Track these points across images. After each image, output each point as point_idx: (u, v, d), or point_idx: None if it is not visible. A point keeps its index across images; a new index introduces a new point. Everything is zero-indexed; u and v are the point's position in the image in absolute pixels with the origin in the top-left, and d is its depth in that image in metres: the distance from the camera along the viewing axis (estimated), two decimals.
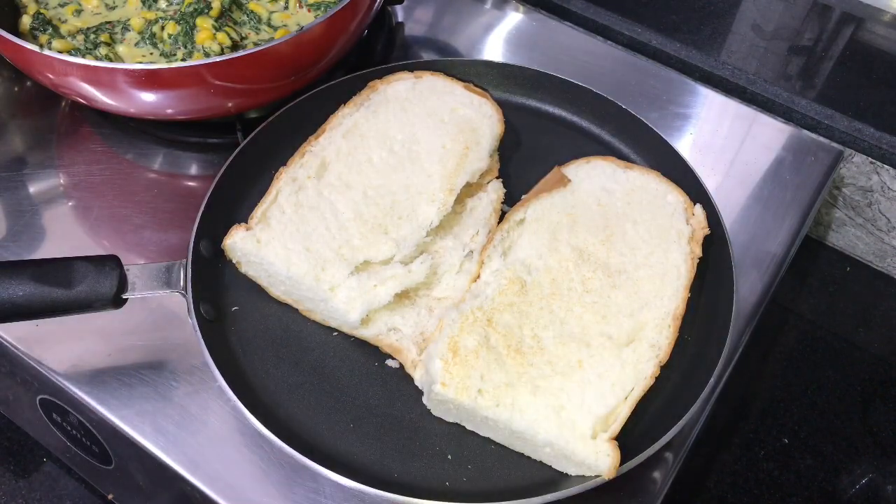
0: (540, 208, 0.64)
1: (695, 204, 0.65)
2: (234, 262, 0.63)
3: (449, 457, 0.56)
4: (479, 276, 0.61)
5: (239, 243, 0.60)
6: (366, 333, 0.60)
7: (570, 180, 0.65)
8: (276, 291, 0.62)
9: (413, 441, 0.57)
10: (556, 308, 0.58)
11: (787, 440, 0.76)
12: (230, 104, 0.69)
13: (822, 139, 0.80)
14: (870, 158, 0.81)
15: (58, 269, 0.55)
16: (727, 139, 0.79)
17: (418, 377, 0.58)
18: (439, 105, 0.69)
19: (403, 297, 0.61)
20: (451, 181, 0.64)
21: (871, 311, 0.87)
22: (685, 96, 0.82)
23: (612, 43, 0.88)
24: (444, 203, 0.63)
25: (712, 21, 0.91)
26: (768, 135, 0.80)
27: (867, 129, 0.81)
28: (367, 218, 0.62)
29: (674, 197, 0.65)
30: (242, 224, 0.62)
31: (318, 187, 0.64)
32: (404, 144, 0.67)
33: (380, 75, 0.72)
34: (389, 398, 0.59)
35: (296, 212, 0.62)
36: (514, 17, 0.89)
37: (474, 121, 0.69)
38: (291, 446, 0.53)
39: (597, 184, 0.65)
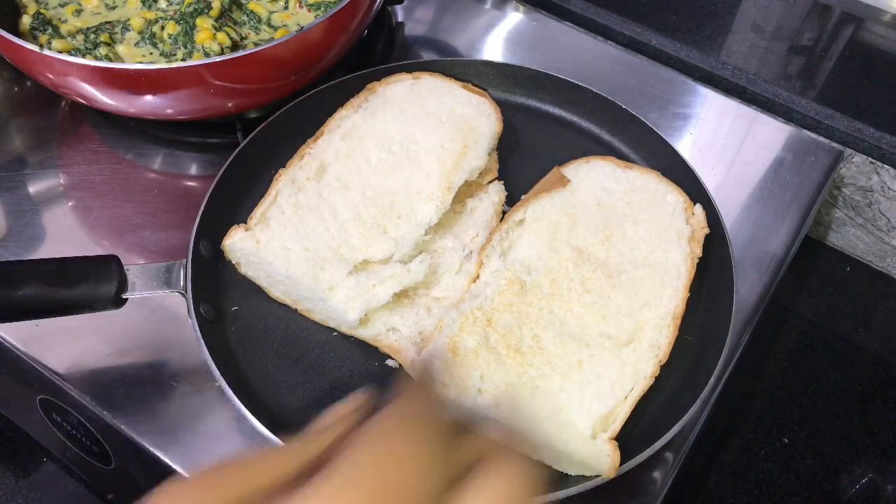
0: (539, 208, 0.63)
1: (695, 204, 0.65)
2: (233, 262, 0.63)
3: None
4: (478, 277, 0.61)
5: (238, 244, 0.60)
6: (365, 334, 0.60)
7: (569, 180, 0.65)
8: (276, 292, 0.62)
9: None
10: (555, 308, 0.58)
11: (787, 440, 0.76)
12: (230, 104, 0.69)
13: (822, 139, 0.80)
14: (870, 158, 0.81)
15: (58, 269, 0.55)
16: (727, 139, 0.79)
17: (418, 378, 0.58)
18: (438, 105, 0.69)
19: (402, 297, 0.61)
20: (449, 179, 0.64)
21: (871, 311, 0.87)
22: (685, 96, 0.82)
23: (612, 43, 0.88)
24: (442, 201, 0.63)
25: (712, 21, 0.91)
26: (768, 135, 0.80)
27: (867, 129, 0.81)
28: (365, 218, 0.62)
29: (673, 197, 0.65)
30: (242, 224, 0.62)
31: (317, 188, 0.64)
32: (402, 145, 0.66)
33: (380, 76, 0.72)
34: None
35: (295, 212, 0.62)
36: (514, 17, 0.89)
37: (472, 119, 0.68)
38: None
39: (596, 184, 0.65)
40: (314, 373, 0.60)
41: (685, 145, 0.78)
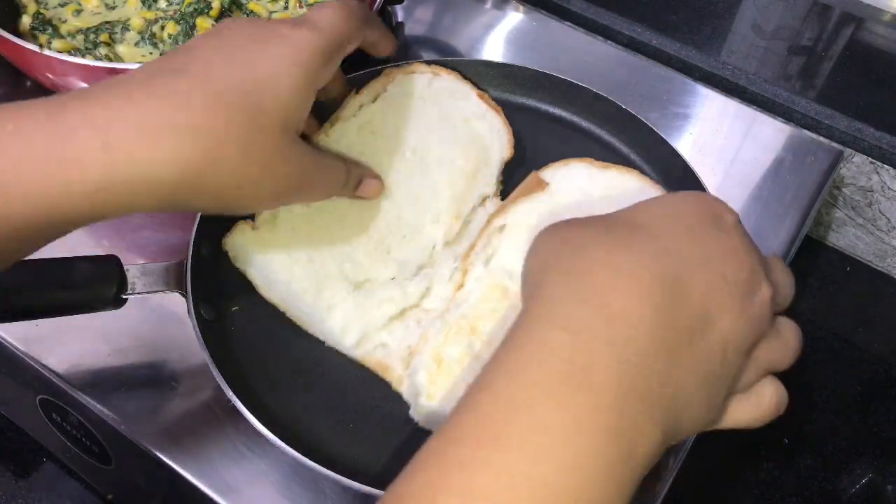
0: (519, 213, 0.62)
1: None
2: (230, 255, 0.61)
3: None
4: (462, 285, 0.60)
5: (244, 245, 0.59)
6: (355, 353, 0.59)
7: (547, 184, 0.64)
8: (269, 294, 0.61)
9: (414, 441, 0.57)
10: None
11: (787, 440, 0.76)
12: None
13: (822, 139, 0.80)
14: (870, 158, 0.81)
15: (58, 269, 0.55)
16: (727, 139, 0.79)
17: (406, 392, 0.57)
18: (453, 111, 0.67)
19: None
20: (458, 206, 0.63)
21: (871, 311, 0.87)
22: (685, 96, 0.82)
23: (612, 43, 0.88)
24: (449, 228, 0.62)
25: (712, 21, 0.91)
26: (768, 135, 0.80)
27: (867, 129, 0.81)
28: (371, 233, 0.61)
29: (652, 193, 0.63)
30: (249, 221, 0.60)
31: None
32: (416, 152, 0.64)
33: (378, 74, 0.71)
34: (389, 398, 0.58)
35: (305, 213, 0.60)
36: (514, 17, 0.89)
37: (486, 139, 0.67)
38: (291, 446, 0.53)
39: (575, 186, 0.64)
40: (314, 373, 0.59)
41: (685, 145, 0.78)
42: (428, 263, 0.62)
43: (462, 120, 0.67)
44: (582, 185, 0.64)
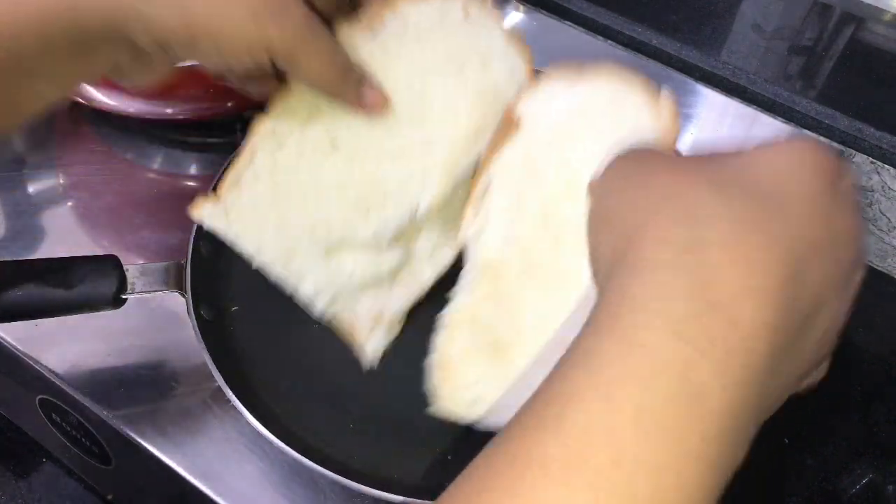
0: (498, 171, 0.53)
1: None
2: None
3: (449, 457, 0.56)
4: (456, 266, 0.54)
5: (206, 221, 0.53)
6: (325, 316, 0.57)
7: (520, 118, 0.53)
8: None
9: (413, 442, 0.57)
10: (530, 286, 0.50)
11: (787, 440, 0.76)
12: (230, 104, 0.69)
13: (822, 139, 0.80)
14: (870, 158, 0.81)
15: (57, 269, 0.55)
16: (728, 139, 0.79)
17: (370, 352, 0.58)
18: (467, 46, 0.55)
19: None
20: (452, 168, 0.53)
21: (871, 311, 0.87)
22: (685, 96, 0.82)
23: (612, 43, 0.88)
24: (438, 193, 0.54)
25: (712, 21, 0.91)
26: (769, 135, 0.79)
27: (868, 129, 0.81)
28: (349, 189, 0.53)
29: (634, 99, 0.51)
30: (212, 194, 0.54)
31: (300, 144, 0.53)
32: (411, 99, 0.53)
33: None
34: (389, 399, 0.58)
35: (272, 178, 0.53)
36: (514, 17, 0.89)
37: (502, 86, 0.55)
38: (291, 446, 0.53)
39: (549, 115, 0.53)
40: (314, 373, 0.60)
41: (685, 145, 0.78)
42: (408, 230, 0.56)
43: (480, 63, 0.55)
44: (556, 111, 0.53)
